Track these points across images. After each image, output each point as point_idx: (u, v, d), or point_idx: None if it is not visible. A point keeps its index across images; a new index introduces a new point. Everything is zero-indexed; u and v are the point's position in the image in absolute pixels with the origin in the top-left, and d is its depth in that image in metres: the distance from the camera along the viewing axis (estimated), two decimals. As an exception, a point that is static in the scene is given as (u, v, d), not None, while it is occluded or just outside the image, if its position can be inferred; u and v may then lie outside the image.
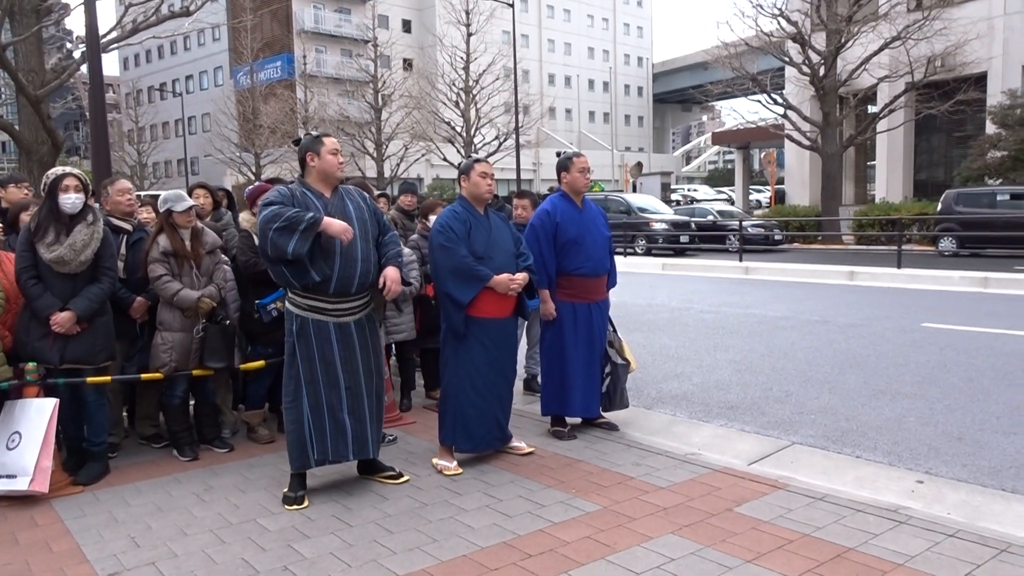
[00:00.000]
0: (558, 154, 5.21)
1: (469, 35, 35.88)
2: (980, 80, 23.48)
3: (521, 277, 4.40)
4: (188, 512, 3.84)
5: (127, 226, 4.86)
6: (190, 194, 5.22)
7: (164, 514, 3.83)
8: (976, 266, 14.49)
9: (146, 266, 4.58)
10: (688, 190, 47.80)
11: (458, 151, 36.11)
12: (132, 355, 4.79)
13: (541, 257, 4.74)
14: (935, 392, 5.87)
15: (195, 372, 4.66)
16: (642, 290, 12.86)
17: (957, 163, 24.09)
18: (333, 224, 3.75)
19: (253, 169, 39.23)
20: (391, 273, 3.91)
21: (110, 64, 71.31)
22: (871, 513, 3.59)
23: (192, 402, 4.97)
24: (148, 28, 13.08)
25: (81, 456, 4.42)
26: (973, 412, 5.32)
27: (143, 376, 4.62)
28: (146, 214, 5.42)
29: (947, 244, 17.85)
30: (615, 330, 5.17)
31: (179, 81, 58.94)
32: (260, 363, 4.85)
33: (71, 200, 4.16)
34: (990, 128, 22.11)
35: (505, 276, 4.33)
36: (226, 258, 5.00)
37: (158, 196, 4.97)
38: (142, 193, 6.81)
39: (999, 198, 17.82)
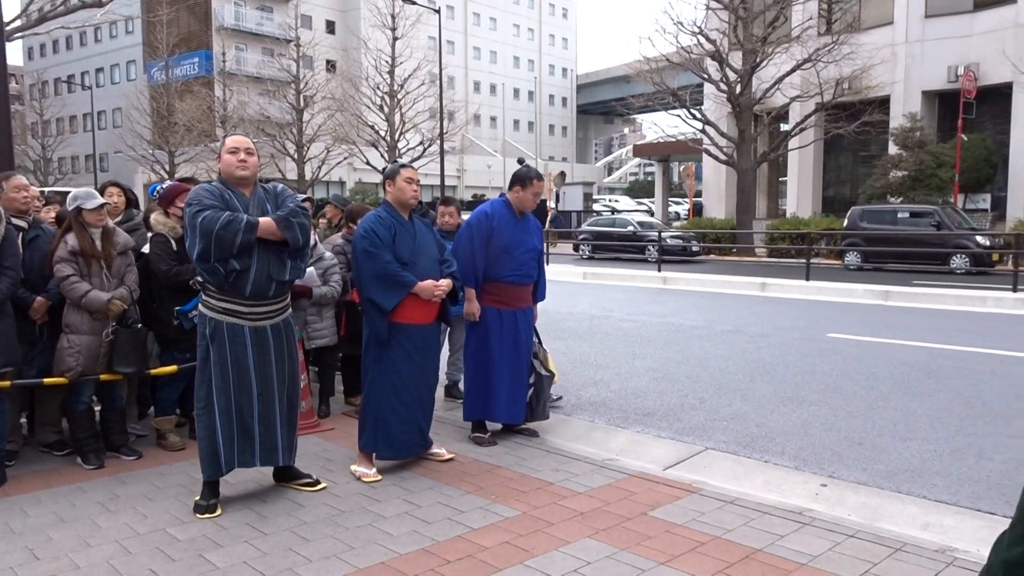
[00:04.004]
0: (520, 161, 5.25)
1: (395, 39, 35.69)
2: (884, 103, 24.70)
3: (445, 283, 4.40)
4: (92, 522, 3.69)
5: (22, 223, 4.64)
6: (102, 192, 5.02)
7: (66, 524, 3.67)
8: (878, 280, 15.22)
9: (51, 265, 4.39)
10: (609, 200, 48.66)
11: (382, 155, 35.80)
12: (31, 358, 4.56)
13: (472, 256, 4.75)
14: (838, 399, 6.14)
15: (103, 377, 4.48)
16: (564, 298, 13.01)
17: (862, 181, 25.26)
18: (266, 225, 3.73)
19: (166, 167, 38.00)
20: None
21: (13, 53, 67.92)
22: (778, 515, 3.74)
23: (98, 408, 4.78)
24: (56, 18, 12.52)
25: (-25, 465, 4.19)
26: (873, 419, 5.59)
27: (46, 380, 4.41)
28: (47, 213, 5.17)
29: (852, 258, 18.71)
30: (540, 342, 5.23)
31: (88, 74, 56.57)
32: (172, 368, 4.70)
33: None
34: (892, 149, 23.29)
35: (430, 282, 4.32)
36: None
37: (63, 192, 4.76)
38: (46, 189, 6.50)
39: (900, 215, 18.80)
